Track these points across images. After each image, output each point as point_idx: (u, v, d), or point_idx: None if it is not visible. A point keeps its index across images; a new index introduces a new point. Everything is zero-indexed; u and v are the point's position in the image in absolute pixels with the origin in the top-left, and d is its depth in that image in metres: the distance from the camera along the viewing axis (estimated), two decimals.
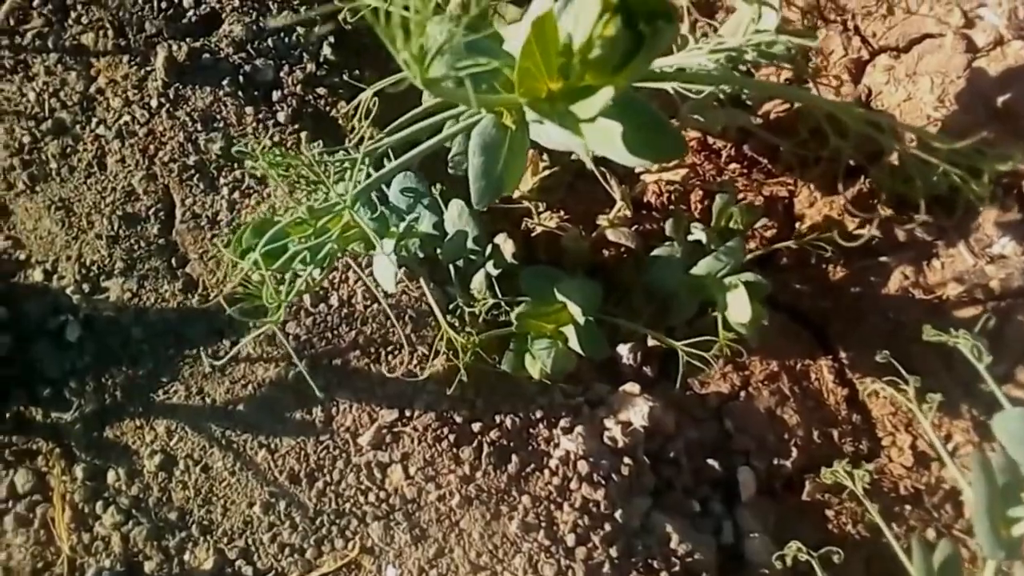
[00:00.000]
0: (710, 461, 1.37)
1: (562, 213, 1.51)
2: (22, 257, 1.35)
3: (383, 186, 1.29)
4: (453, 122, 1.08)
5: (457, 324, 1.29)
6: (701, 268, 1.31)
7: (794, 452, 1.42)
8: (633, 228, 1.50)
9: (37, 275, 1.34)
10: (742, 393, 1.46)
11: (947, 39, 1.61)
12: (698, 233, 1.42)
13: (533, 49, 0.72)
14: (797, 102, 1.27)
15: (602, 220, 1.47)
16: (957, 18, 1.61)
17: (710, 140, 1.68)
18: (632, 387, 1.37)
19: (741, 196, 1.63)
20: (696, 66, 1.04)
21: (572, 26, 0.68)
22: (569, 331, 1.24)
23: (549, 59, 0.75)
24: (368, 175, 1.14)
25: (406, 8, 0.62)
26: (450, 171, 1.27)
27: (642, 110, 0.80)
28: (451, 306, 1.29)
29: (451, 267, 1.36)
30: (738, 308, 1.24)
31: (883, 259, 1.56)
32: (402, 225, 1.25)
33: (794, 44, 1.00)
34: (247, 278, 1.10)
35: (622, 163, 0.85)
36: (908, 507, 1.42)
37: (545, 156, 1.48)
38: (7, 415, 1.29)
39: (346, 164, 1.06)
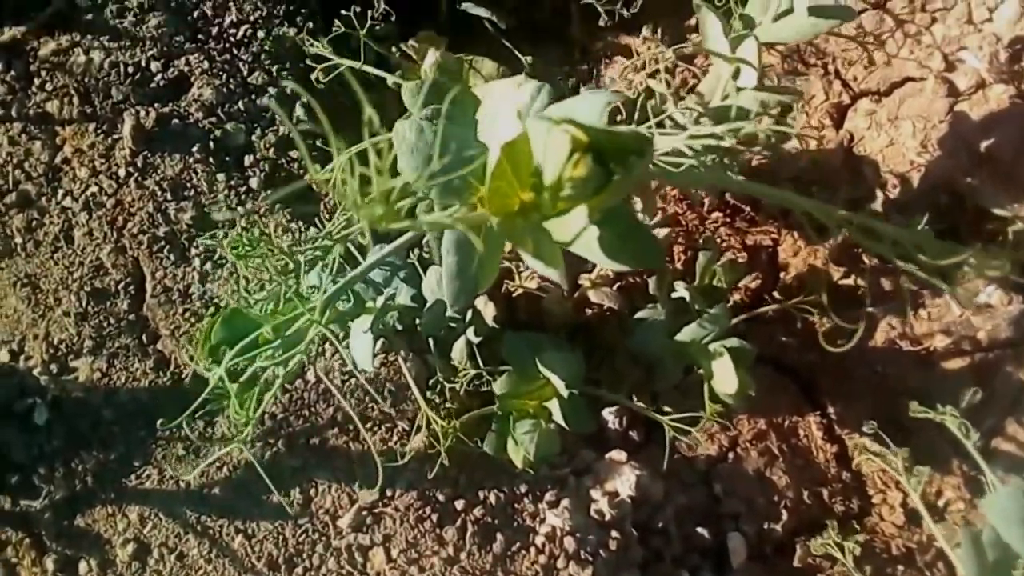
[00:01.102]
0: (699, 529, 1.35)
1: None
2: None
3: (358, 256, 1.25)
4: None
5: (438, 399, 1.26)
6: (685, 335, 1.28)
7: (784, 515, 1.39)
8: (615, 286, 1.48)
9: (3, 355, 1.30)
10: (730, 454, 1.43)
11: (928, 83, 1.59)
12: (681, 291, 1.39)
13: (505, 170, 0.69)
14: (783, 204, 1.24)
15: (584, 280, 1.44)
16: (938, 62, 1.60)
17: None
18: (619, 455, 1.34)
19: (724, 245, 1.61)
20: (673, 149, 1.01)
21: (541, 159, 0.65)
22: (553, 406, 1.21)
23: (521, 176, 0.72)
24: (340, 259, 1.12)
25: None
26: (424, 256, 1.24)
27: (621, 218, 0.77)
28: (431, 381, 1.26)
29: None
30: (724, 379, 1.21)
31: (869, 310, 1.54)
32: (379, 300, 1.22)
33: (774, 132, 0.97)
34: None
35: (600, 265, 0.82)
36: (900, 567, 1.39)
37: None
38: None
39: (318, 252, 1.02)
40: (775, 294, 1.61)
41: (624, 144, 0.61)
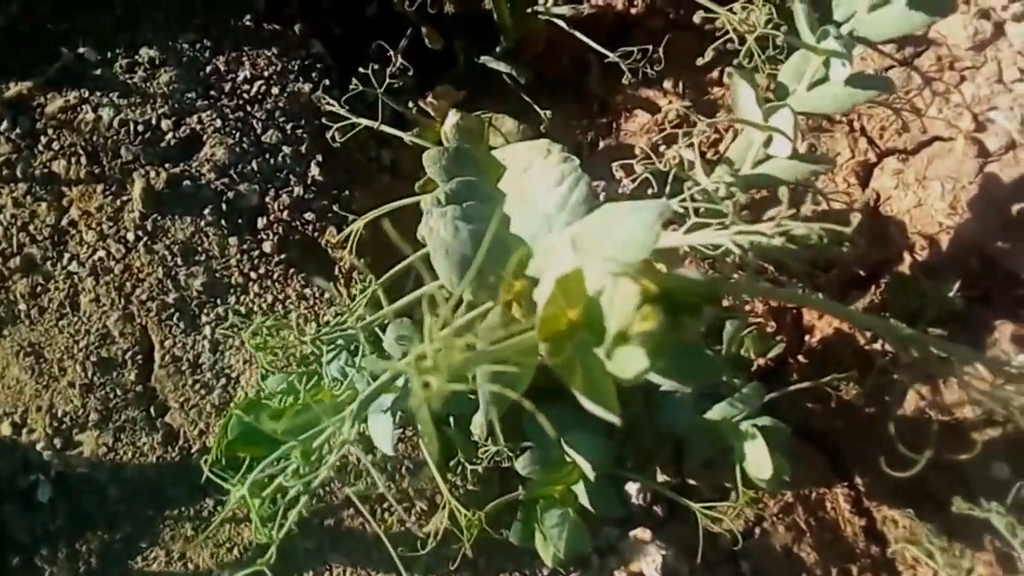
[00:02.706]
0: None
1: None
2: None
3: (379, 332, 1.20)
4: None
5: (459, 480, 1.21)
6: (715, 413, 1.23)
7: None
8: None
9: (5, 428, 1.25)
10: (757, 529, 1.39)
11: (958, 143, 1.56)
12: None
13: (556, 297, 0.65)
14: (827, 313, 1.20)
15: None
16: (967, 122, 1.56)
17: None
18: (643, 533, 1.30)
19: (748, 308, 1.57)
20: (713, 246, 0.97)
21: (607, 308, 0.60)
22: (579, 490, 1.17)
23: (571, 299, 0.67)
24: (365, 343, 1.07)
25: None
26: None
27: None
28: (451, 462, 1.21)
29: None
30: (758, 463, 1.17)
31: (897, 377, 1.50)
32: (400, 380, 1.17)
33: (827, 234, 0.93)
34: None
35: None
36: None
37: None
38: None
39: (340, 342, 0.98)
40: (800, 358, 1.58)
41: (695, 291, 0.57)
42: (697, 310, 0.57)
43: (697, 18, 1.25)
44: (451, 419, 1.28)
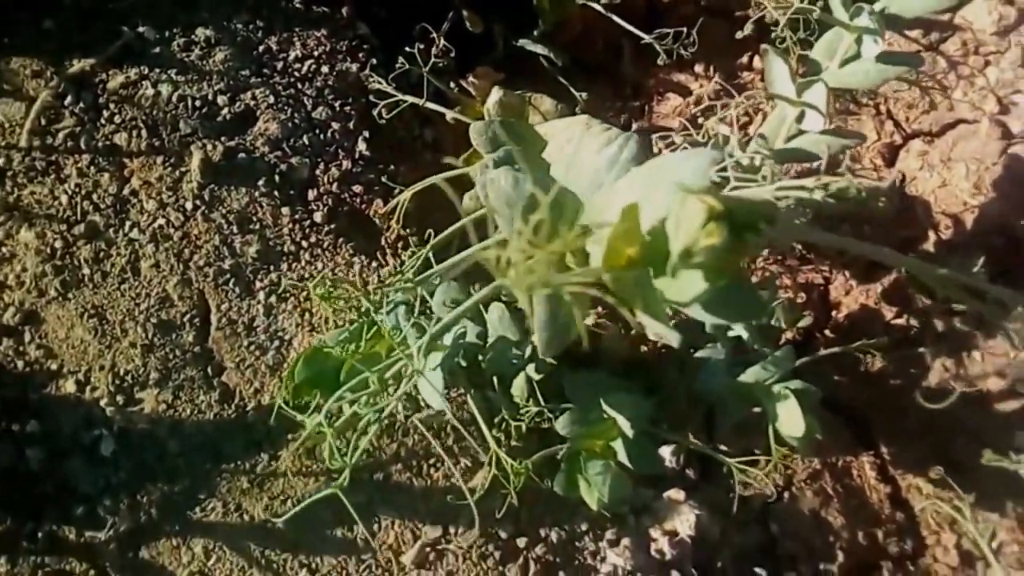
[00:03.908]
0: (757, 569, 1.35)
1: (600, 308, 1.49)
2: (54, 367, 1.32)
3: (427, 297, 1.26)
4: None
5: (502, 437, 1.27)
6: (749, 376, 1.28)
7: (840, 556, 1.40)
8: (672, 322, 1.48)
9: (69, 386, 1.31)
10: (785, 494, 1.44)
11: (982, 125, 1.60)
12: (739, 330, 1.40)
13: (619, 230, 0.71)
14: (885, 261, 1.25)
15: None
16: (992, 105, 1.61)
17: None
18: (677, 494, 1.35)
19: (777, 283, 1.62)
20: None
21: (672, 230, 0.66)
22: (618, 445, 1.22)
23: (630, 235, 0.73)
24: (418, 300, 1.13)
25: None
26: None
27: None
28: (496, 419, 1.26)
29: None
30: (791, 422, 1.21)
31: (922, 350, 1.54)
32: (447, 337, 1.23)
33: (866, 189, 0.98)
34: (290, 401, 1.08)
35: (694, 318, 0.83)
36: None
37: None
38: (39, 534, 1.25)
39: (399, 294, 1.03)
40: (827, 332, 1.62)
41: (755, 211, 0.62)
42: (758, 229, 0.63)
43: None
44: (494, 380, 1.33)
